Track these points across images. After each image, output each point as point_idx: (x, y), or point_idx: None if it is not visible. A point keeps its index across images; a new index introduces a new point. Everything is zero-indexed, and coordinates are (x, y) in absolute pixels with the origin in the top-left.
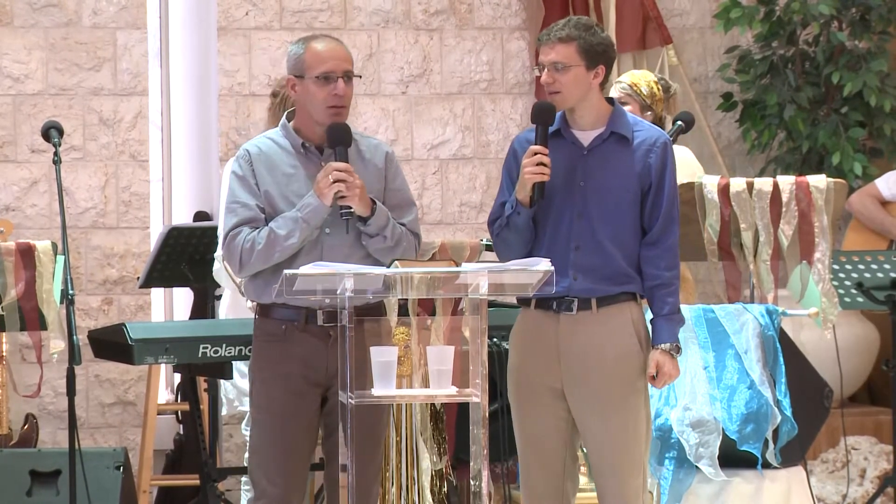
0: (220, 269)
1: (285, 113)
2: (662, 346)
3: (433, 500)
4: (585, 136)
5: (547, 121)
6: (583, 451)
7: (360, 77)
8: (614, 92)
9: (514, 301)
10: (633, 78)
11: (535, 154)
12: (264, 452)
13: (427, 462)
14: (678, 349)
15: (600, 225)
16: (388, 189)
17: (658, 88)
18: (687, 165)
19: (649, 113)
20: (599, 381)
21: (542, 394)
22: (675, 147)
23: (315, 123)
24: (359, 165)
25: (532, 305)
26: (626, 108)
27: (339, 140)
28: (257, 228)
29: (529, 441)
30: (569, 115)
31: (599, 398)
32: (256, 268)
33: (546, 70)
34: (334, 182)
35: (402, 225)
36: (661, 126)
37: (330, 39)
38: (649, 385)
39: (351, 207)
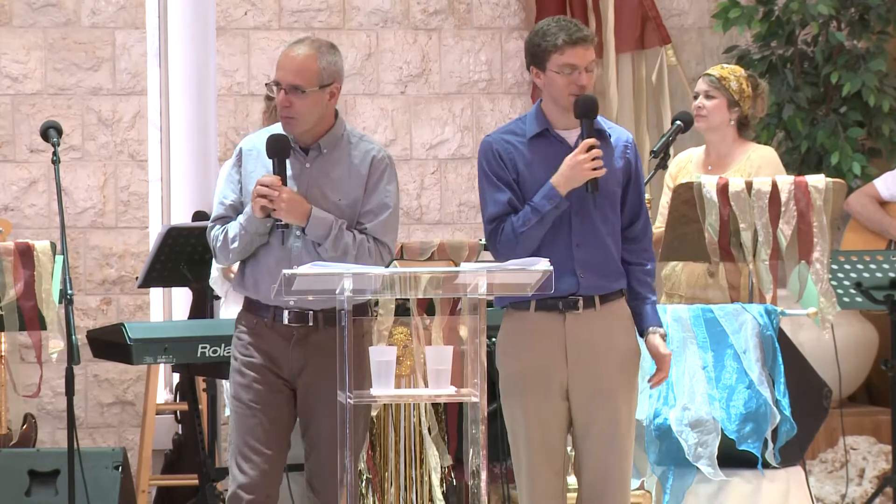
0: (217, 278)
1: None
2: (659, 329)
3: (442, 497)
4: (569, 136)
5: (592, 115)
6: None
7: (305, 93)
8: (702, 84)
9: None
10: (721, 72)
11: (591, 148)
12: (235, 440)
13: (435, 460)
14: (664, 335)
15: (600, 221)
16: (367, 192)
17: (748, 85)
18: (773, 165)
19: (737, 109)
20: (608, 377)
21: (551, 395)
22: (761, 147)
23: None
24: (342, 170)
25: (532, 308)
26: (713, 102)
27: (276, 151)
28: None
29: (537, 443)
30: (550, 116)
31: (608, 394)
32: (228, 262)
33: (587, 72)
34: (258, 196)
35: (363, 230)
36: (747, 126)
37: (297, 46)
38: (647, 383)
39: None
